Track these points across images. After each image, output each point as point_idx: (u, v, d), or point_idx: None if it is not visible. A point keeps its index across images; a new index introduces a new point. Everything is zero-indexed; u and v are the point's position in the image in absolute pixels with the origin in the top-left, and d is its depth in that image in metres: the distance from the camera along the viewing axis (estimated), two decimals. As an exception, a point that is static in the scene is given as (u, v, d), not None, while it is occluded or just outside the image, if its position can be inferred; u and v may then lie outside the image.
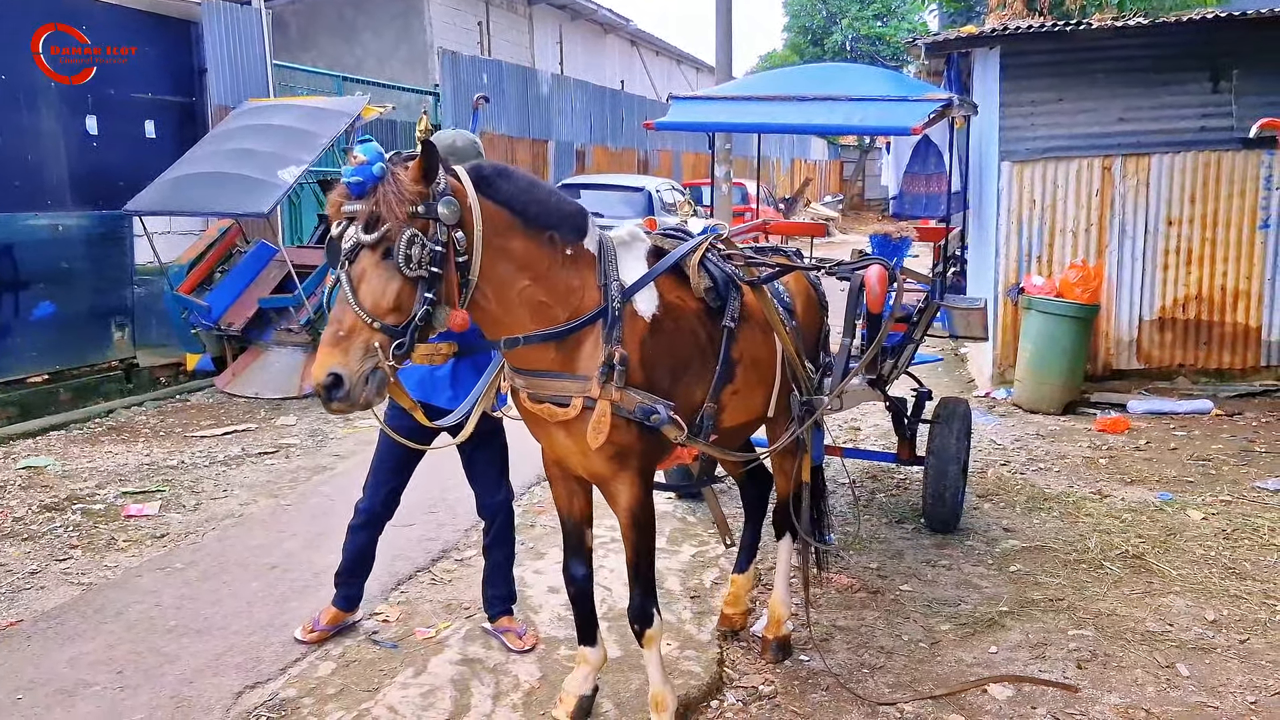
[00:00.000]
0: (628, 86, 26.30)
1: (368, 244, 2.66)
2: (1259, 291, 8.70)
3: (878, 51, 39.87)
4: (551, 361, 3.12)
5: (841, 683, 3.93)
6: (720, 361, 3.47)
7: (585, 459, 3.24)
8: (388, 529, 4.43)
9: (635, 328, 3.19)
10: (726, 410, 3.59)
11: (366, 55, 17.05)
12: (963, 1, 14.69)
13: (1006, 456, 7.18)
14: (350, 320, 2.65)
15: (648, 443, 3.26)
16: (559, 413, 3.13)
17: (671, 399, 3.23)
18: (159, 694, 3.87)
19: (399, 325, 2.69)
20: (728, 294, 3.53)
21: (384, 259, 2.67)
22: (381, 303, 2.67)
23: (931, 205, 8.86)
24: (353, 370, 2.63)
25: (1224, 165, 8.60)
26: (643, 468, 3.31)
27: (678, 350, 3.34)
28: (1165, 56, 8.54)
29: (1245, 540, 5.43)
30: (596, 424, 3.08)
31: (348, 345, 2.64)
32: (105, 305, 9.31)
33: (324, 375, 2.62)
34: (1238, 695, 3.85)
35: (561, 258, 3.08)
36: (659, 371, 3.24)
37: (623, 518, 3.35)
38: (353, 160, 2.67)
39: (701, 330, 3.45)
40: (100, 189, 9.44)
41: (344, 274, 2.67)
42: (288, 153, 8.73)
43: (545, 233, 3.03)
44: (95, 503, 6.18)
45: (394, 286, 2.68)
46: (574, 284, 3.10)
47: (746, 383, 3.67)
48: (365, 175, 2.66)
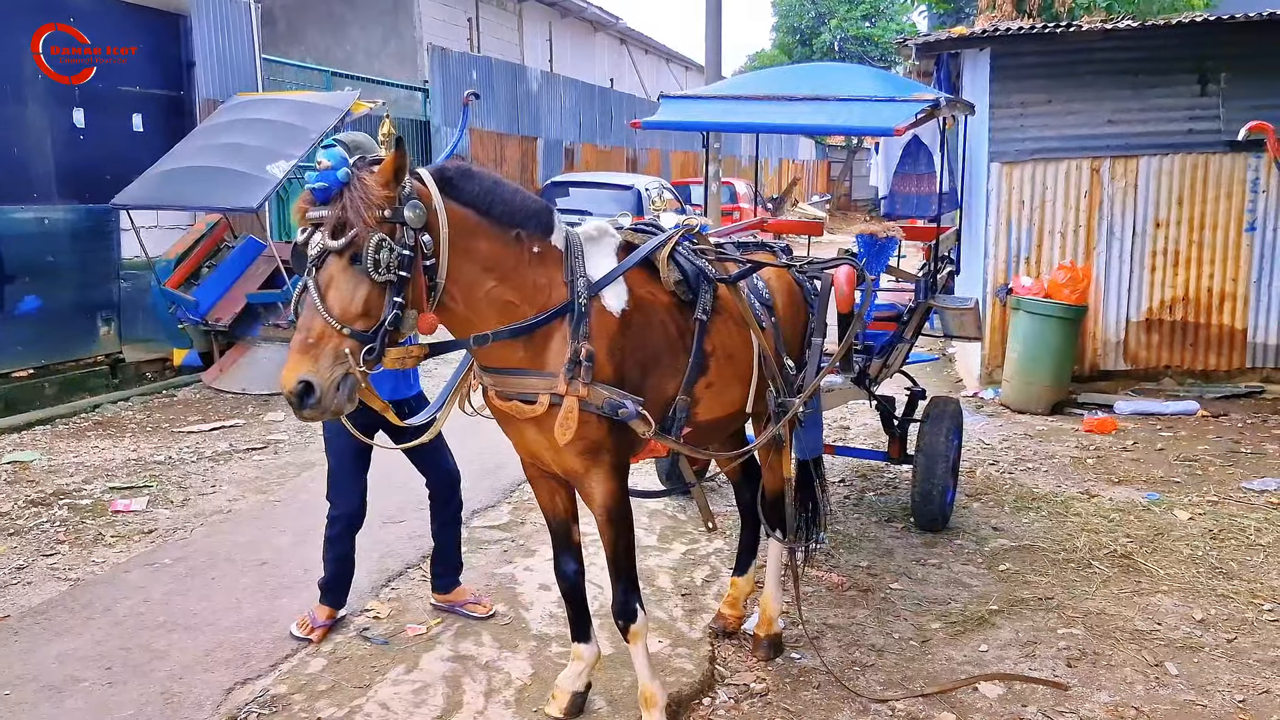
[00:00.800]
0: (617, 85, 26.29)
1: (334, 250, 2.64)
2: (1245, 293, 8.75)
3: (866, 52, 40.00)
4: (519, 359, 3.12)
5: (835, 678, 3.93)
6: (693, 355, 3.47)
7: (557, 455, 3.24)
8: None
9: (603, 323, 3.19)
10: (701, 404, 3.58)
11: (355, 50, 17.00)
12: (951, 3, 14.72)
13: (995, 456, 7.21)
14: (319, 327, 2.63)
15: (618, 438, 3.26)
16: (526, 409, 3.14)
17: (642, 393, 3.23)
18: (148, 690, 3.85)
19: (368, 330, 2.69)
20: (698, 287, 3.53)
21: (351, 264, 2.65)
22: (350, 309, 2.66)
23: (922, 205, 8.87)
24: (324, 377, 2.63)
25: (1211, 168, 8.65)
26: (615, 463, 3.31)
27: (648, 344, 3.34)
28: (1154, 59, 8.58)
29: (1232, 540, 5.47)
30: (564, 420, 3.08)
31: (317, 352, 2.63)
32: (91, 299, 9.25)
33: (295, 383, 2.61)
34: (1226, 694, 3.87)
35: (528, 256, 3.07)
36: (629, 366, 3.24)
37: (598, 513, 3.35)
38: (318, 165, 2.65)
39: (672, 324, 3.45)
40: (87, 182, 9.36)
41: (311, 280, 2.65)
42: (277, 147, 8.69)
43: (511, 231, 3.03)
44: (82, 498, 6.14)
45: (362, 292, 2.67)
46: (540, 281, 3.10)
47: (721, 376, 3.65)
48: (330, 180, 2.65)
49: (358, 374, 2.67)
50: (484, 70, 16.43)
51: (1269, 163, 8.24)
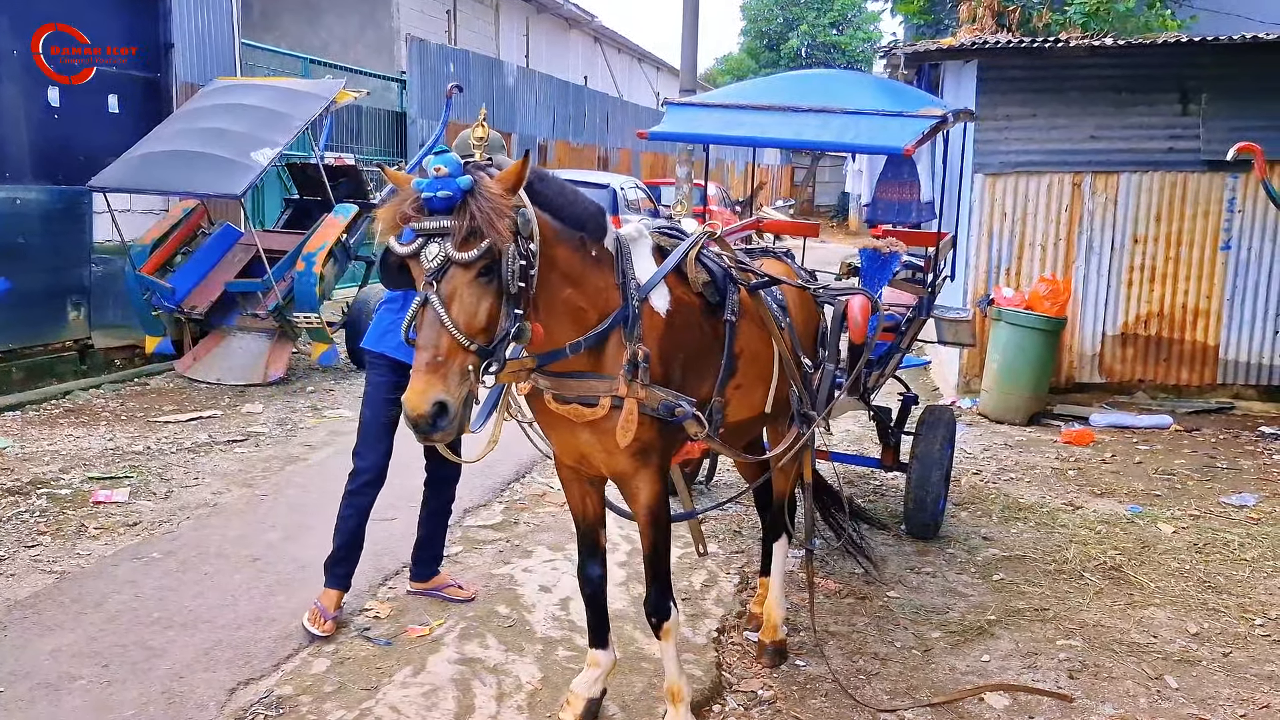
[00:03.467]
0: (590, 82, 26.22)
1: (463, 262, 2.53)
2: (1218, 310, 8.92)
3: (832, 59, 40.28)
4: (580, 363, 3.08)
5: (842, 689, 3.94)
6: (724, 356, 3.49)
7: (609, 458, 3.22)
8: (371, 524, 4.40)
9: (653, 324, 3.19)
10: (730, 405, 3.61)
11: (331, 39, 16.78)
12: (931, 14, 14.85)
13: (978, 465, 7.28)
14: (447, 343, 2.53)
15: (666, 439, 3.28)
16: (586, 413, 3.11)
17: (684, 393, 3.24)
18: (149, 689, 3.75)
19: (488, 345, 2.62)
20: (726, 289, 3.54)
21: (478, 277, 2.56)
22: (474, 322, 2.58)
23: (904, 212, 8.93)
24: (456, 397, 2.54)
25: (1190, 186, 8.81)
26: (661, 464, 3.33)
27: (689, 345, 3.35)
28: (1137, 78, 8.72)
29: (1216, 554, 5.56)
30: (625, 422, 3.07)
31: (446, 370, 2.52)
32: (62, 283, 9.03)
33: (428, 405, 2.49)
34: (1227, 708, 3.94)
35: (590, 260, 3.04)
36: (673, 366, 3.25)
37: (642, 514, 3.35)
38: (435, 172, 2.51)
39: (706, 325, 3.46)
40: (60, 163, 9.17)
41: (435, 295, 2.53)
42: (261, 134, 8.55)
43: (577, 235, 2.99)
44: (61, 488, 5.99)
45: (485, 305, 2.59)
46: (600, 285, 3.08)
47: (748, 377, 3.68)
48: (453, 189, 2.52)
49: (477, 391, 2.61)
50: (461, 63, 16.29)
51: (1253, 182, 8.39)
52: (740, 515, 5.95)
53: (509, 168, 2.64)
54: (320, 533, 5.34)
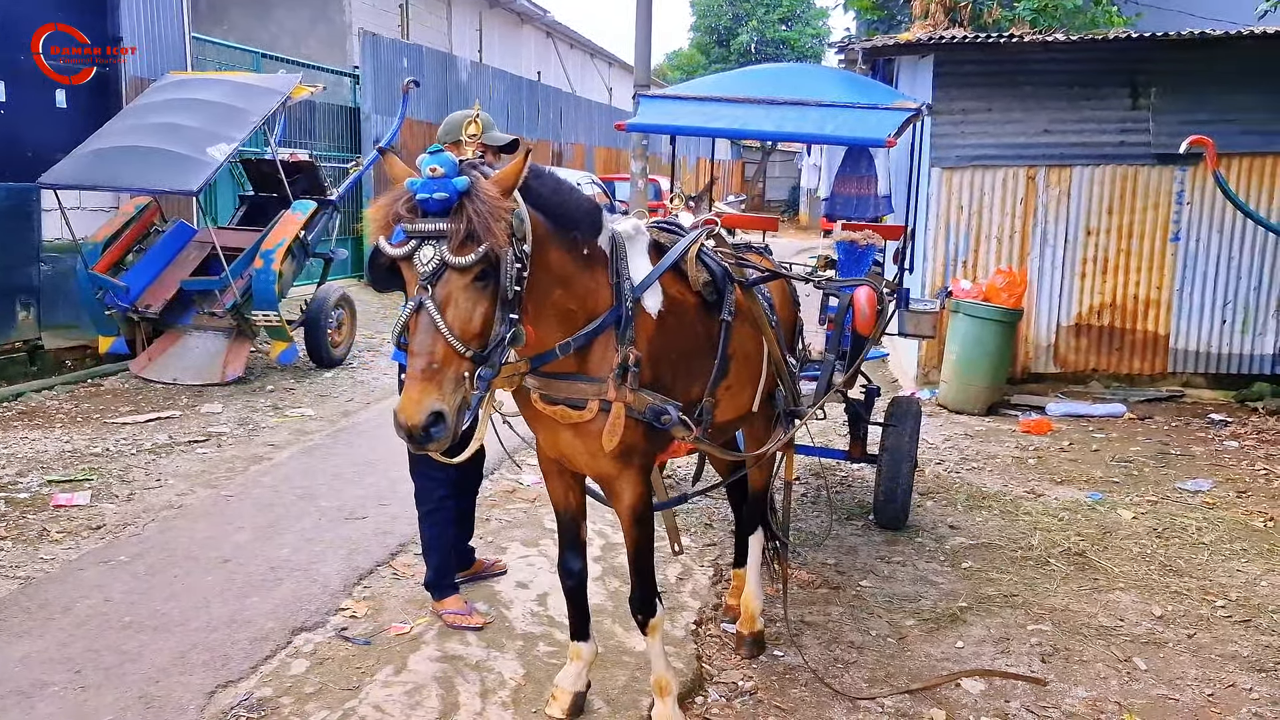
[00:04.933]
0: (543, 78, 26.10)
1: (460, 266, 2.46)
2: (1169, 301, 9.13)
3: (781, 55, 40.53)
4: (566, 363, 3.05)
5: (819, 678, 3.98)
6: (718, 357, 3.47)
7: (593, 459, 3.20)
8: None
9: (644, 325, 3.15)
10: (720, 405, 3.60)
11: (281, 33, 16.51)
12: (883, 9, 14.99)
13: (940, 455, 7.38)
14: (443, 350, 2.47)
15: (651, 442, 3.26)
16: (573, 415, 3.07)
17: (674, 395, 3.21)
18: (125, 694, 3.69)
19: (482, 350, 2.57)
20: (724, 288, 3.53)
21: (474, 281, 2.50)
22: (469, 328, 2.52)
23: (861, 206, 9.02)
24: (451, 405, 2.48)
25: (1140, 179, 9.00)
26: (644, 465, 3.31)
27: (681, 346, 3.32)
28: (1089, 73, 8.89)
29: (1176, 539, 5.70)
30: (612, 426, 3.04)
31: (442, 378, 2.47)
32: (10, 282, 8.82)
33: (424, 415, 2.43)
34: (1195, 688, 4.04)
35: (582, 259, 3.00)
36: (663, 368, 3.21)
37: (625, 514, 3.33)
38: (430, 173, 2.44)
39: (700, 325, 3.44)
40: (6, 159, 8.93)
41: (429, 300, 2.47)
42: (217, 129, 8.40)
43: (570, 234, 2.93)
44: (19, 491, 5.86)
45: (481, 309, 2.54)
46: (591, 285, 3.03)
47: (739, 379, 3.68)
48: (449, 190, 2.45)
49: (470, 398, 2.57)
50: (415, 58, 16.12)
51: (1201, 175, 8.60)
52: (711, 509, 5.98)
53: (506, 168, 2.58)
54: (290, 532, 5.32)
